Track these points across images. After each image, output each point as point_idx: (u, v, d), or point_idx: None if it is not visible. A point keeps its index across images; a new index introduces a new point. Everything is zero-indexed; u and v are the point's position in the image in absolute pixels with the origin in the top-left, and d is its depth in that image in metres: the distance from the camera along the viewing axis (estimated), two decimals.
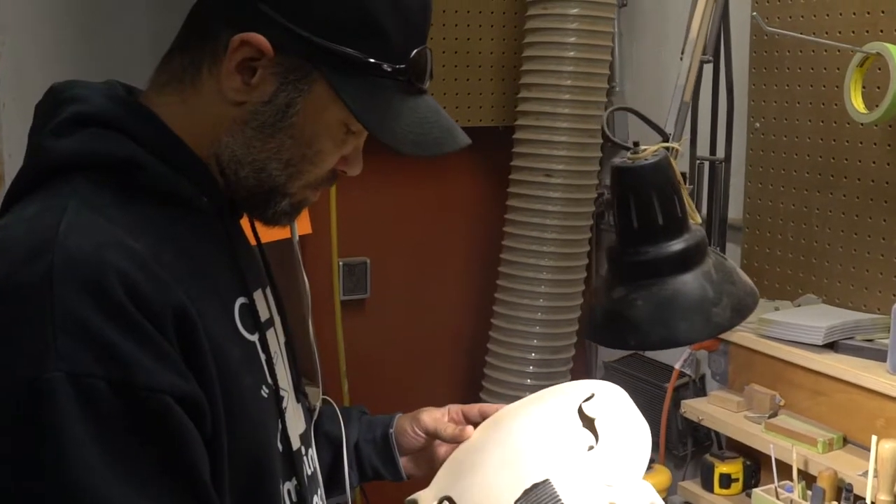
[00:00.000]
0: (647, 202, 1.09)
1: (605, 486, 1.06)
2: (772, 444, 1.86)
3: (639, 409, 1.17)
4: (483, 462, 1.17)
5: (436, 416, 1.31)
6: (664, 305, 1.08)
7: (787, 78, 2.14)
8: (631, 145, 1.10)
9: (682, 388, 2.41)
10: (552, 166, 2.48)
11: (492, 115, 2.72)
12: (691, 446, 2.44)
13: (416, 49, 0.98)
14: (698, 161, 2.15)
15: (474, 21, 2.67)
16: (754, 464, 2.06)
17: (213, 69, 0.98)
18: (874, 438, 1.65)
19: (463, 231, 2.83)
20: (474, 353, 2.75)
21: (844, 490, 1.73)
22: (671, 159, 1.10)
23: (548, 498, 1.06)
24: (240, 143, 0.99)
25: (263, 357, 1.04)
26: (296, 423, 1.12)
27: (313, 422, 1.22)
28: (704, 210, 2.18)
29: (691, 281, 1.08)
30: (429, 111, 1.01)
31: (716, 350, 2.18)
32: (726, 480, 2.05)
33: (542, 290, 2.52)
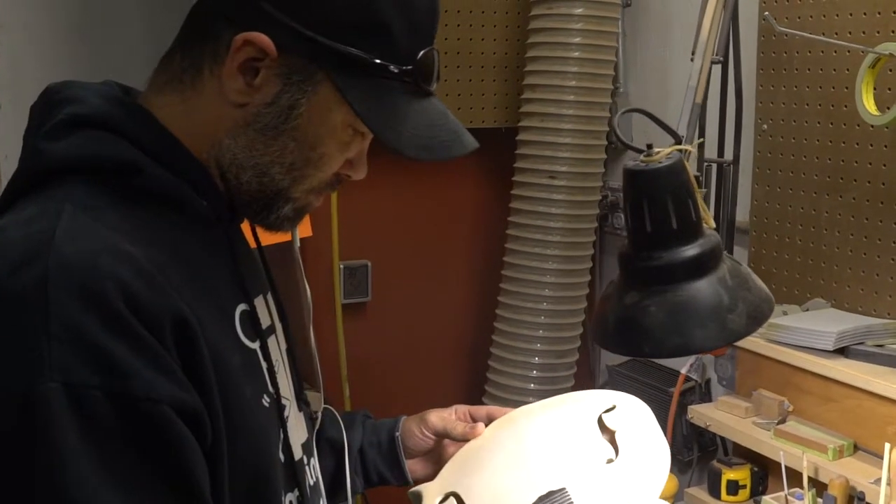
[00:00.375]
0: (660, 206, 1.06)
1: (622, 503, 1.04)
2: (782, 451, 1.83)
3: None
4: (494, 460, 1.15)
5: (444, 415, 1.30)
6: (678, 312, 1.05)
7: (796, 79, 2.11)
8: (644, 148, 1.08)
9: (688, 393, 2.39)
10: (556, 168, 2.45)
11: (495, 116, 2.69)
12: (696, 452, 2.41)
13: (423, 50, 0.96)
14: (706, 163, 2.13)
15: (477, 21, 2.64)
16: (762, 470, 2.04)
17: (215, 69, 0.95)
18: (887, 446, 1.63)
19: (465, 233, 2.80)
20: (477, 357, 2.72)
21: (856, 498, 1.71)
22: (685, 162, 1.07)
23: None
24: (241, 146, 0.96)
25: (265, 365, 1.02)
26: (298, 432, 1.10)
27: (315, 431, 1.19)
28: (712, 213, 2.15)
29: (706, 287, 1.06)
30: (436, 114, 0.99)
31: (722, 355, 2.15)
32: (734, 487, 2.03)
33: (546, 293, 2.49)
